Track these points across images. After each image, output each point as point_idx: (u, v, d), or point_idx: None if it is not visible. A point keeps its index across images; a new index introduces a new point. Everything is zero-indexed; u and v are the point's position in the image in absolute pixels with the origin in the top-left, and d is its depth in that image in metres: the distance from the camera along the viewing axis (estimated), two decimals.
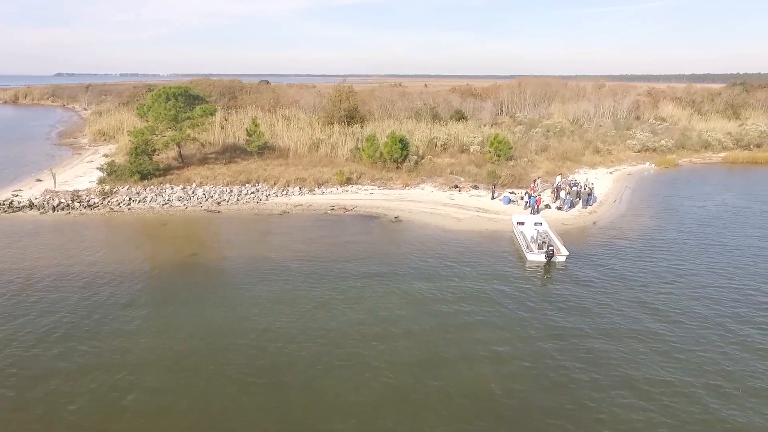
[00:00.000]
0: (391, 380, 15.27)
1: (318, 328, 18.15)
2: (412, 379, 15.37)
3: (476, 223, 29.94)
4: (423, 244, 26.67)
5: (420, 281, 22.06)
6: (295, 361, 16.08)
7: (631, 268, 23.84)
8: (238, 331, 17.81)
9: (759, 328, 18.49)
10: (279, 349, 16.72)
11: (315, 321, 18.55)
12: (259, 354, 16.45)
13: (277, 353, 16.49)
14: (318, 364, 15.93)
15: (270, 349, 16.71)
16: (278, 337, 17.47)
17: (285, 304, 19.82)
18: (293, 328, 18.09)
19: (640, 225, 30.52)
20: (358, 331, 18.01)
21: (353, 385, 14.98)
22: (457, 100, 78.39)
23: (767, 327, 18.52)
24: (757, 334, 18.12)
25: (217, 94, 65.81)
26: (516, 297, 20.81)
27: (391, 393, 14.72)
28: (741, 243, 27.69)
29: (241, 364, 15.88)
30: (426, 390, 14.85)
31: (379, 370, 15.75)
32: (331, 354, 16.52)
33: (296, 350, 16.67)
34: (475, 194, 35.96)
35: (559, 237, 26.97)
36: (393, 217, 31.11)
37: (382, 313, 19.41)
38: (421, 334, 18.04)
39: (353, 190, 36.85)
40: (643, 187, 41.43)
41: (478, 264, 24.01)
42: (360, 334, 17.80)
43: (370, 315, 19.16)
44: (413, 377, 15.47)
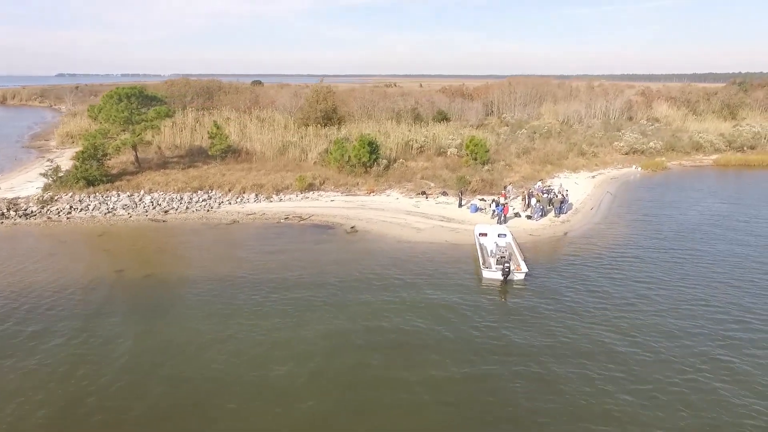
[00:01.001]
0: (312, 407, 13.68)
1: (233, 351, 16.10)
2: (334, 406, 13.80)
3: (436, 234, 27.74)
4: (373, 258, 24.49)
5: (355, 302, 19.89)
6: (210, 391, 13.95)
7: (595, 285, 21.60)
8: (149, 363, 15.69)
9: (731, 353, 16.30)
10: (194, 382, 14.59)
11: (227, 346, 16.41)
12: (176, 390, 14.36)
13: (192, 387, 14.37)
14: (233, 388, 13.80)
15: (184, 383, 14.59)
16: (194, 365, 15.40)
17: (202, 325, 17.73)
18: (209, 352, 16.02)
19: (614, 235, 28.27)
20: (276, 355, 15.99)
21: (270, 416, 13.38)
22: (445, 101, 76.38)
23: (741, 353, 16.31)
24: (728, 358, 15.93)
25: (192, 94, 63.78)
26: (463, 319, 18.64)
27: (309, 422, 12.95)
28: (719, 255, 25.47)
29: (156, 396, 13.80)
30: (349, 419, 13.10)
31: (300, 396, 14.06)
32: (241, 379, 14.38)
33: (205, 380, 14.54)
34: (442, 201, 33.75)
35: (521, 251, 24.79)
36: (349, 228, 28.94)
37: (306, 334, 17.36)
38: (344, 357, 16.09)
39: (314, 197, 34.69)
40: (626, 191, 39.18)
41: (428, 282, 21.82)
42: (279, 359, 15.81)
43: (292, 339, 17.08)
44: (335, 403, 13.90)
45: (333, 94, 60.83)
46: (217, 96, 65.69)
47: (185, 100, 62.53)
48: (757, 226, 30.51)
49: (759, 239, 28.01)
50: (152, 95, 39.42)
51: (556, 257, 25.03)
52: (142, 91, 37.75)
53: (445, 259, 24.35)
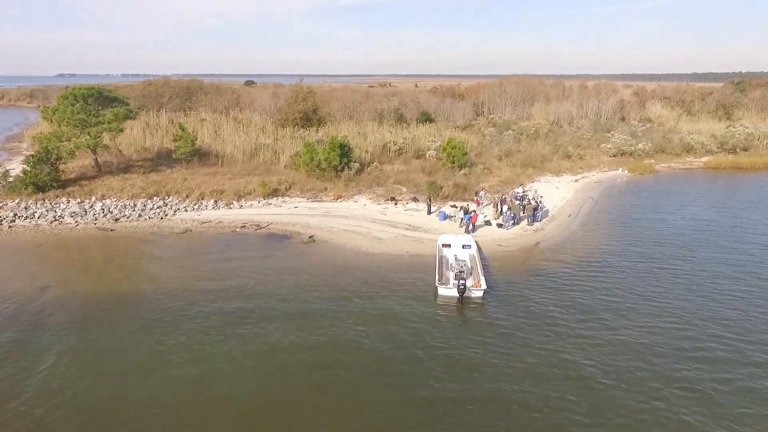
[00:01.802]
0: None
1: (150, 371, 14.37)
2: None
3: (397, 245, 25.95)
4: (324, 272, 22.71)
5: (291, 322, 18.16)
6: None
7: (559, 301, 19.81)
8: (68, 388, 13.95)
9: (702, 376, 14.51)
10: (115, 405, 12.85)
11: (148, 367, 14.66)
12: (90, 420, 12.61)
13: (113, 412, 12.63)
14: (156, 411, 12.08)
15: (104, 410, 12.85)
16: (114, 387, 13.66)
17: (127, 343, 16.06)
18: (130, 377, 14.30)
19: (589, 245, 26.46)
20: (190, 376, 14.34)
21: None
22: (435, 101, 74.64)
23: (712, 376, 14.53)
24: (698, 383, 14.13)
25: (170, 95, 62.01)
26: (410, 340, 16.91)
27: None
28: (698, 265, 23.72)
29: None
30: None
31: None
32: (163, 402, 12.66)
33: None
34: (411, 208, 31.95)
35: (484, 264, 23.00)
36: (307, 237, 27.16)
37: (224, 365, 15.58)
38: (258, 391, 14.38)
39: (277, 203, 32.90)
40: (609, 196, 37.36)
41: (377, 299, 20.05)
42: (192, 383, 14.29)
43: (214, 357, 15.39)
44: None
45: (314, 95, 59.12)
46: (197, 97, 63.89)
47: (162, 100, 60.79)
48: (741, 233, 28.71)
49: (742, 248, 26.21)
50: (113, 96, 37.64)
51: (522, 270, 23.22)
52: (100, 91, 35.98)
53: (401, 273, 22.55)
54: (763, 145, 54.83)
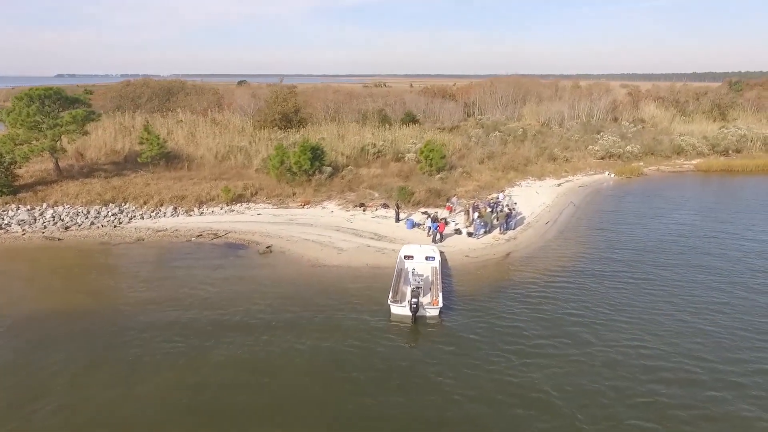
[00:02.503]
0: None
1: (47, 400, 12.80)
2: None
3: (358, 256, 24.39)
4: (273, 286, 21.17)
5: (226, 338, 16.58)
6: None
7: (519, 321, 18.23)
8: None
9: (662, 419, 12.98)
10: None
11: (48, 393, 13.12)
12: None
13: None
14: None
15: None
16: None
17: (38, 363, 14.45)
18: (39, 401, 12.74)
19: (562, 256, 24.90)
20: (107, 414, 12.71)
21: None
22: (423, 101, 73.09)
23: (676, 418, 13.01)
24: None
25: (148, 95, 60.40)
26: (348, 370, 15.32)
27: None
28: (675, 278, 22.18)
29: None
30: None
31: None
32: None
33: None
34: (380, 215, 30.39)
35: (446, 278, 21.45)
36: (264, 247, 25.60)
37: (147, 385, 13.99)
38: (181, 410, 12.94)
39: (241, 210, 31.34)
40: (591, 201, 35.79)
41: (324, 317, 18.50)
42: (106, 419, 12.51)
43: (125, 392, 13.75)
44: None
45: (295, 95, 57.58)
46: (176, 97, 62.26)
47: (140, 101, 59.21)
48: (725, 242, 27.14)
49: (724, 257, 24.67)
50: (73, 97, 36.10)
51: (488, 284, 21.65)
52: (59, 92, 34.39)
53: (356, 288, 20.99)
54: (756, 147, 53.25)
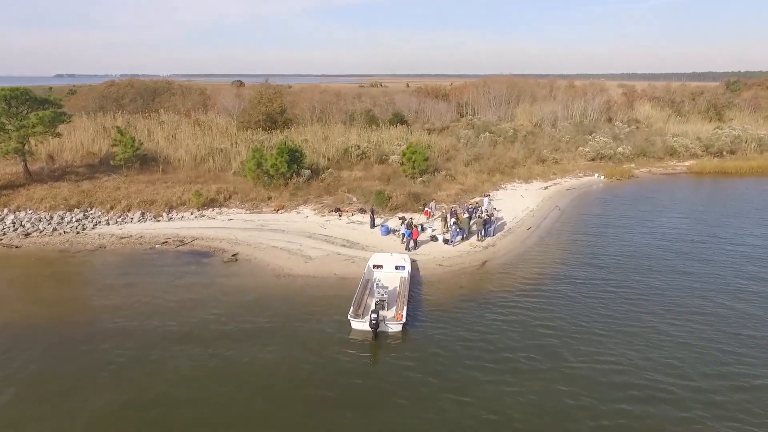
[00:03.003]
0: None
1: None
2: None
3: (327, 265, 23.27)
4: (232, 297, 20.07)
5: (171, 352, 15.45)
6: None
7: (489, 338, 17.10)
8: None
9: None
10: None
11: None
12: None
13: None
14: None
15: None
16: None
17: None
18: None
19: (541, 264, 23.77)
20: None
21: None
22: (415, 102, 72.06)
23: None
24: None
25: (131, 96, 59.31)
26: (291, 386, 14.19)
27: None
28: (658, 287, 21.05)
29: None
30: None
31: None
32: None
33: None
34: (356, 220, 29.27)
35: (415, 290, 20.32)
36: (230, 255, 24.50)
37: (89, 402, 12.92)
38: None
39: (212, 215, 30.23)
40: (578, 205, 34.67)
41: (280, 334, 17.39)
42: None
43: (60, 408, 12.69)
44: None
45: (281, 96, 56.50)
46: (161, 98, 61.15)
47: (123, 102, 58.12)
48: (712, 247, 26.05)
49: (710, 265, 23.56)
50: (42, 98, 34.96)
51: (459, 296, 20.52)
52: (27, 92, 33.24)
53: (320, 300, 19.88)
54: (751, 148, 52.14)
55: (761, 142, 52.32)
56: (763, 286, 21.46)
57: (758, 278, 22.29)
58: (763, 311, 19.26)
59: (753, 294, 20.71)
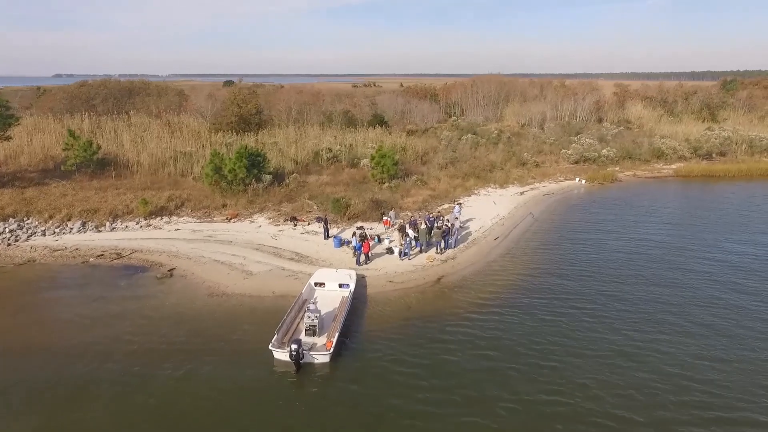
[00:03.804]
0: None
1: None
2: None
3: (267, 282, 21.40)
4: (154, 320, 18.21)
5: (62, 388, 13.61)
6: None
7: (428, 367, 15.26)
8: None
9: None
10: None
11: None
12: None
13: None
14: None
15: None
16: None
17: None
18: None
19: (502, 280, 21.90)
20: None
21: None
22: (400, 102, 70.25)
23: None
24: None
25: (103, 97, 57.39)
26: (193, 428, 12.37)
27: None
28: (623, 306, 19.11)
29: None
30: None
31: None
32: None
33: None
34: (311, 230, 27.39)
35: (347, 315, 18.38)
36: (166, 270, 22.65)
37: None
38: None
39: (158, 224, 28.35)
40: (554, 212, 32.79)
41: (194, 364, 15.52)
42: None
43: None
44: None
45: (256, 96, 54.64)
46: (134, 99, 59.23)
47: (94, 102, 56.20)
48: (690, 258, 24.22)
49: (686, 278, 21.62)
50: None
51: (402, 318, 18.63)
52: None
53: (249, 324, 17.99)
54: (742, 150, 50.24)
55: (752, 144, 50.45)
56: (739, 297, 19.61)
57: (738, 290, 20.47)
58: (740, 328, 17.42)
59: (728, 309, 18.86)
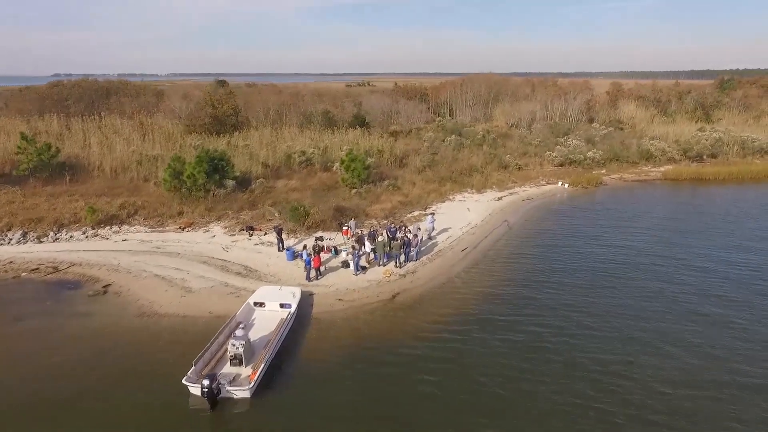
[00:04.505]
0: None
1: None
2: None
3: (205, 301, 19.72)
4: (72, 347, 16.56)
5: None
6: None
7: (349, 414, 13.60)
8: None
9: None
10: None
11: None
12: None
13: None
14: None
15: None
16: None
17: None
18: None
19: (462, 297, 20.22)
20: None
21: None
22: (387, 102, 68.61)
23: None
24: None
25: (74, 97, 55.64)
26: None
27: None
28: (586, 332, 17.35)
29: None
30: None
31: None
32: None
33: None
34: (267, 241, 25.70)
35: (279, 341, 16.67)
36: (101, 287, 20.98)
37: None
38: None
39: (107, 234, 26.66)
40: (531, 219, 31.11)
41: (102, 398, 13.87)
42: None
43: None
44: None
45: (234, 97, 52.96)
46: (109, 100, 57.44)
47: (67, 103, 54.45)
48: (664, 271, 22.56)
49: (655, 294, 19.92)
50: None
51: (343, 344, 16.94)
52: None
53: (175, 350, 16.29)
54: (734, 152, 48.52)
55: (744, 145, 48.73)
56: (724, 312, 17.94)
57: (721, 304, 18.79)
58: (720, 350, 15.76)
59: (712, 326, 17.19)
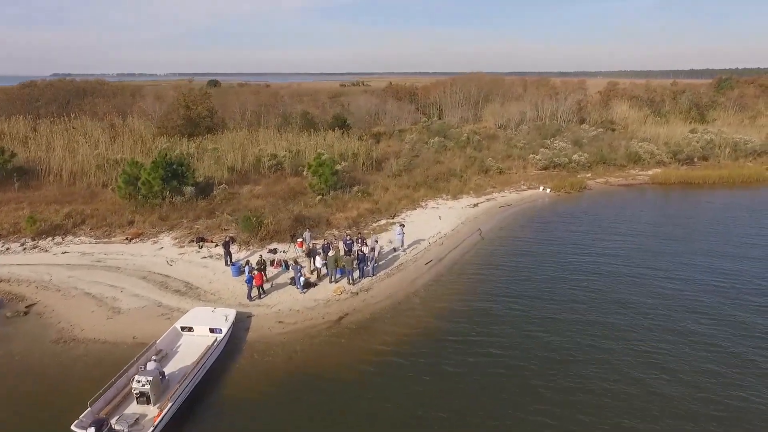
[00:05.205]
0: None
1: None
2: None
3: (132, 324, 18.01)
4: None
5: None
6: None
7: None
8: None
9: None
10: None
11: None
12: None
13: None
14: None
15: None
16: None
17: None
18: None
19: (415, 319, 18.51)
20: None
21: None
22: (374, 102, 67.11)
23: None
24: None
25: (47, 98, 53.97)
26: None
27: None
28: (549, 352, 15.62)
29: None
30: None
31: None
32: None
33: None
34: (216, 254, 23.93)
35: (200, 373, 14.95)
36: (24, 307, 19.29)
37: None
38: None
39: (47, 245, 24.93)
40: (506, 227, 29.43)
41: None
42: None
43: None
44: None
45: (209, 98, 51.24)
46: (82, 101, 55.76)
47: (38, 104, 52.82)
48: (639, 286, 20.79)
49: (629, 310, 18.18)
50: None
51: (280, 374, 15.25)
52: None
53: (79, 387, 14.59)
54: (725, 154, 46.76)
55: (736, 147, 46.96)
56: (705, 328, 16.23)
57: (694, 332, 17.08)
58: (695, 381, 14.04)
59: (693, 346, 15.48)
